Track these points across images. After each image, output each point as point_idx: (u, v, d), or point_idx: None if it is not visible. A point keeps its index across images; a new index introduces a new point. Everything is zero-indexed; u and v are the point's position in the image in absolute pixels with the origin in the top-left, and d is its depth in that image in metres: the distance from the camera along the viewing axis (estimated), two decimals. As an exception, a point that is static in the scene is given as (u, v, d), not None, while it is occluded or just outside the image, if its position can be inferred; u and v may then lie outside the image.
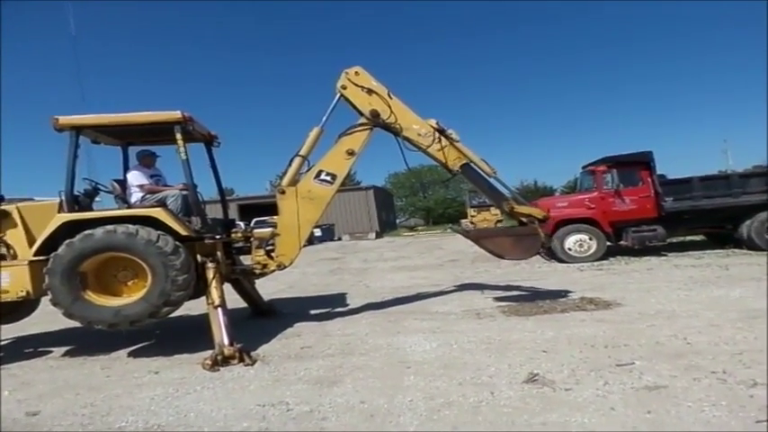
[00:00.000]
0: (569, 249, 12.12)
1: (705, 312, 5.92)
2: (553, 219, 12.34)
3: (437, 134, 6.78)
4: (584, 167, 14.08)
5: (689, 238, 14.17)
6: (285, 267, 6.56)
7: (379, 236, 35.07)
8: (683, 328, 5.26)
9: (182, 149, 6.03)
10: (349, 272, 13.80)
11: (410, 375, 4.36)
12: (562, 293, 7.79)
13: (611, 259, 11.94)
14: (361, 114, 6.75)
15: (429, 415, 3.48)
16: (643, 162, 12.17)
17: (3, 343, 7.11)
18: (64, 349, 6.35)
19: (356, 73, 6.76)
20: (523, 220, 7.03)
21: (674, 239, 13.19)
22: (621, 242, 12.40)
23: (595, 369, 4.19)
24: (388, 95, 6.74)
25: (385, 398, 3.84)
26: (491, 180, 6.99)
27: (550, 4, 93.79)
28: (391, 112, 6.69)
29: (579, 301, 7.07)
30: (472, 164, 6.87)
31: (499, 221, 30.07)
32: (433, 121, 6.87)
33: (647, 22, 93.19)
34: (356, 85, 6.73)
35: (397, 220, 53.46)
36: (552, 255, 12.64)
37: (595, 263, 11.58)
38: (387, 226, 40.86)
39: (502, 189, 7.07)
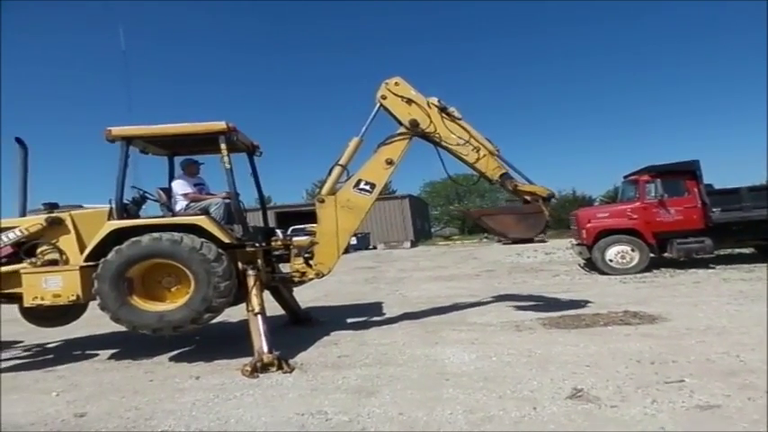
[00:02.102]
0: (610, 261, 11.79)
1: (757, 329, 5.65)
2: (594, 229, 12.12)
3: (478, 144, 6.73)
4: (626, 177, 13.73)
5: (737, 250, 13.60)
6: (323, 276, 6.61)
7: (414, 245, 34.96)
8: (735, 345, 5.03)
9: (226, 159, 6.17)
10: (385, 281, 13.79)
11: (449, 387, 4.30)
12: (604, 306, 7.57)
13: (655, 271, 11.56)
14: (401, 124, 6.77)
15: (469, 429, 3.42)
16: (689, 171, 11.78)
17: (52, 345, 7.39)
18: (109, 352, 6.54)
19: (396, 83, 6.79)
20: (527, 198, 6.91)
21: (722, 252, 12.66)
22: (666, 254, 12.01)
23: (642, 386, 4.04)
24: (428, 105, 6.73)
25: (424, 410, 3.80)
26: (494, 158, 6.83)
27: (591, 3, 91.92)
28: (431, 121, 6.68)
29: (623, 315, 6.85)
30: (473, 138, 6.73)
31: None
32: (434, 99, 6.81)
33: (684, 24, 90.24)
34: (396, 95, 6.76)
35: (433, 230, 53.16)
36: (592, 266, 12.37)
37: (638, 275, 11.23)
38: (422, 235, 40.70)
39: (505, 167, 6.89)
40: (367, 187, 6.67)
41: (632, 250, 11.77)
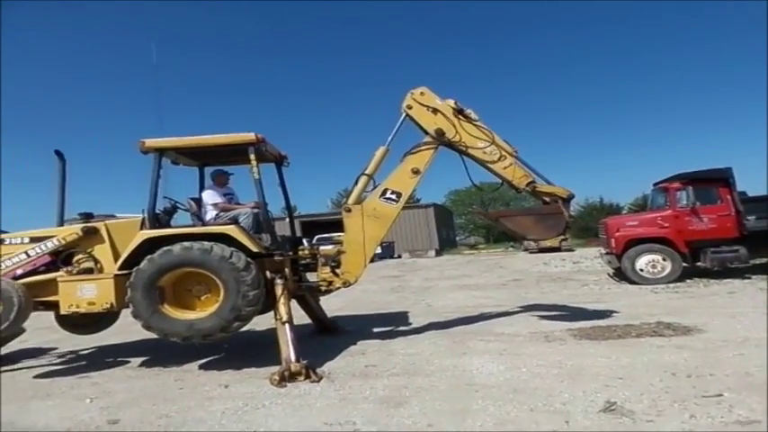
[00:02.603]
0: (641, 270, 11.53)
1: (799, 341, 5.45)
2: (623, 238, 11.88)
3: (503, 151, 6.69)
4: (655, 184, 13.46)
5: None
6: (350, 284, 6.62)
7: (438, 254, 34.80)
8: (775, 358, 4.86)
9: (255, 169, 6.25)
10: (410, 290, 13.74)
11: (478, 399, 4.25)
12: (636, 317, 7.39)
13: (688, 281, 11.25)
14: (426, 133, 6.77)
15: (501, 442, 3.37)
16: (721, 179, 11.48)
17: (85, 352, 7.56)
18: (140, 360, 6.65)
19: (421, 93, 6.81)
20: (546, 199, 6.82)
21: (758, 261, 12.27)
22: (699, 263, 11.69)
23: (679, 400, 3.93)
24: (454, 114, 6.72)
25: (453, 422, 3.76)
26: (515, 160, 6.76)
27: (623, 4, 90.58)
28: (456, 131, 6.67)
29: (656, 326, 6.68)
30: (495, 146, 6.68)
31: (564, 240, 29.15)
32: (451, 102, 6.80)
33: (713, 25, 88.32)
34: (421, 104, 6.77)
35: (457, 238, 52.82)
36: (622, 275, 12.12)
37: (670, 285, 10.95)
38: (446, 244, 40.49)
39: (525, 169, 6.82)
40: (393, 196, 6.68)
41: (664, 259, 11.50)
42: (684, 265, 11.57)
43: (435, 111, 6.75)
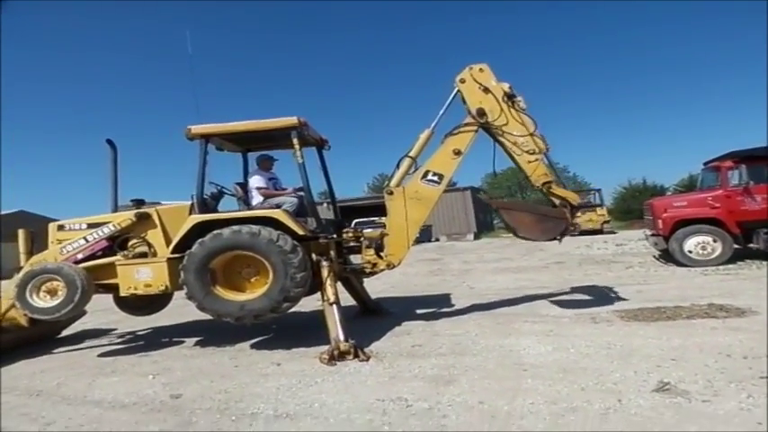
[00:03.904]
0: (690, 252, 11.17)
1: None
2: (671, 219, 11.54)
3: (535, 146, 6.62)
4: (706, 164, 12.96)
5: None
6: (394, 267, 6.69)
7: (477, 237, 34.57)
8: (837, 340, 4.69)
9: (298, 153, 6.36)
10: (450, 273, 13.75)
11: (527, 378, 4.27)
12: (686, 299, 7.21)
13: (740, 263, 10.84)
14: (469, 113, 6.73)
15: (553, 419, 3.39)
16: (777, 157, 10.97)
17: (142, 333, 7.92)
18: (194, 340, 6.93)
19: (481, 70, 6.75)
20: (556, 202, 6.71)
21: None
22: (751, 245, 11.25)
23: (735, 380, 3.85)
24: (503, 98, 6.64)
25: (504, 400, 3.80)
26: (542, 156, 6.68)
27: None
28: (500, 114, 6.61)
29: (707, 308, 6.51)
30: (533, 136, 6.62)
31: (606, 222, 28.52)
32: (506, 85, 6.71)
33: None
34: (475, 81, 6.72)
35: (495, 222, 52.30)
36: (669, 258, 11.80)
37: (721, 267, 10.59)
38: (484, 227, 40.12)
39: (548, 169, 6.76)
40: (435, 178, 6.69)
41: (714, 241, 11.11)
42: (736, 246, 11.15)
43: (487, 90, 6.69)
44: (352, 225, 7.85)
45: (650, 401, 3.58)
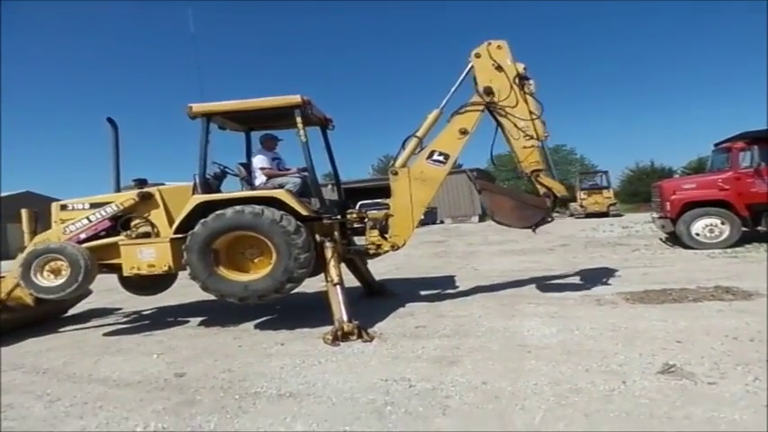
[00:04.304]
0: (697, 235, 11.08)
1: None
2: (679, 201, 11.42)
3: (535, 132, 6.49)
4: (716, 145, 12.77)
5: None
6: (399, 248, 6.65)
7: (482, 219, 34.43)
8: None
9: (301, 132, 6.29)
10: (455, 255, 13.73)
11: (531, 359, 4.25)
12: (692, 281, 7.16)
13: (747, 246, 10.73)
14: (476, 90, 6.63)
15: (557, 400, 3.36)
16: (789, 138, 10.78)
17: (147, 312, 7.96)
18: (198, 320, 6.96)
19: (498, 47, 6.60)
20: (540, 191, 6.62)
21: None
22: (759, 227, 11.13)
23: (742, 363, 3.81)
24: (515, 79, 6.51)
25: (507, 380, 3.78)
26: (539, 144, 6.58)
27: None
28: (508, 95, 6.49)
29: (714, 290, 6.44)
30: (535, 121, 6.51)
31: (612, 205, 28.35)
32: (521, 66, 6.58)
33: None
34: (490, 57, 6.59)
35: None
36: (675, 240, 11.71)
37: (728, 250, 10.49)
38: (489, 209, 39.96)
39: (540, 157, 6.63)
40: (440, 158, 6.61)
41: (722, 223, 11.00)
42: (744, 229, 11.04)
43: (500, 68, 6.55)
44: (357, 207, 7.78)
45: (655, 383, 3.55)
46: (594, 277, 8.12)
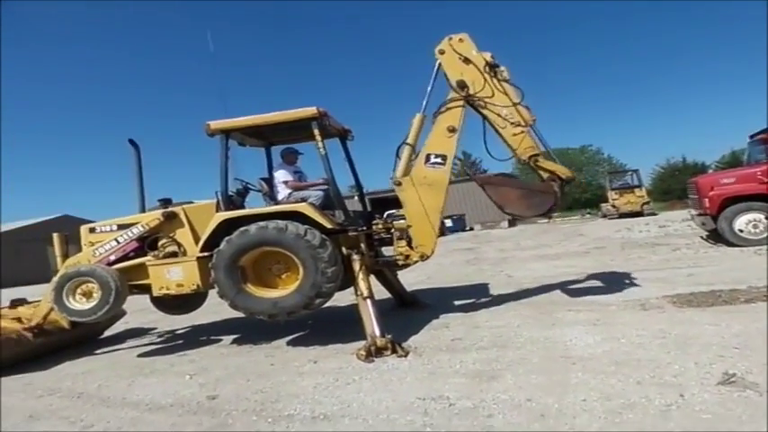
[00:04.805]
0: (740, 231, 10.57)
1: None
2: (718, 197, 10.93)
3: (520, 118, 6.28)
4: (752, 137, 12.21)
5: None
6: (428, 257, 6.44)
7: (511, 224, 33.94)
8: None
9: (320, 144, 6.19)
10: (486, 262, 13.44)
11: (577, 372, 4.01)
12: (741, 281, 6.76)
13: (796, 241, 10.20)
14: (450, 86, 6.47)
15: (609, 417, 3.13)
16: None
17: (181, 331, 7.95)
18: (231, 338, 6.89)
19: (460, 40, 6.44)
20: (544, 176, 6.36)
21: None
22: (808, 221, 10.55)
23: (809, 369, 3.51)
24: (485, 68, 6.33)
25: (553, 396, 3.55)
26: (528, 129, 6.34)
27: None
28: (483, 86, 6.30)
29: (766, 290, 6.07)
30: (517, 107, 6.27)
31: (646, 204, 27.56)
32: (487, 55, 6.37)
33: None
34: (455, 51, 6.43)
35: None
36: (718, 238, 11.22)
37: (775, 245, 9.99)
38: (518, 214, 39.35)
39: (535, 141, 6.40)
40: (438, 160, 6.42)
41: (766, 218, 10.49)
42: (791, 222, 10.49)
43: (467, 61, 6.39)
44: (384, 216, 7.64)
45: (716, 396, 3.28)
46: (635, 280, 7.78)
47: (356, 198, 8.15)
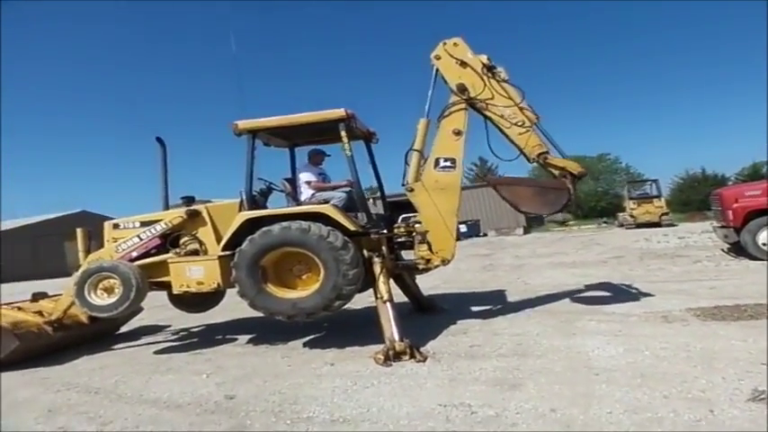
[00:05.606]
0: (764, 245, 10.35)
1: None
2: (742, 209, 10.73)
3: (523, 117, 6.27)
4: (777, 149, 12.01)
5: None
6: (448, 261, 6.40)
7: (526, 231, 33.73)
8: None
9: (346, 146, 6.18)
10: (502, 268, 13.32)
11: (600, 383, 3.93)
12: (765, 296, 6.60)
13: (822, 256, 9.96)
14: (451, 90, 6.48)
15: (638, 431, 3.06)
16: None
17: (196, 330, 7.97)
18: (247, 337, 6.89)
19: (455, 44, 6.48)
20: (555, 173, 6.31)
21: None
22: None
23: (842, 388, 3.41)
24: (482, 70, 6.34)
25: (578, 408, 3.48)
26: (533, 128, 6.31)
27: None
28: (483, 88, 6.31)
29: (793, 306, 5.94)
30: (520, 107, 6.27)
31: (665, 214, 27.18)
32: (483, 57, 6.38)
33: None
34: (451, 56, 6.45)
35: (545, 216, 50.94)
36: (740, 251, 11.00)
37: (800, 260, 9.76)
38: (534, 221, 38.99)
39: (542, 139, 6.37)
40: (448, 163, 6.41)
41: (792, 232, 10.26)
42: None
43: (464, 64, 6.41)
44: (400, 220, 7.62)
45: (747, 412, 3.20)
46: (656, 291, 7.65)
47: (372, 200, 8.13)
